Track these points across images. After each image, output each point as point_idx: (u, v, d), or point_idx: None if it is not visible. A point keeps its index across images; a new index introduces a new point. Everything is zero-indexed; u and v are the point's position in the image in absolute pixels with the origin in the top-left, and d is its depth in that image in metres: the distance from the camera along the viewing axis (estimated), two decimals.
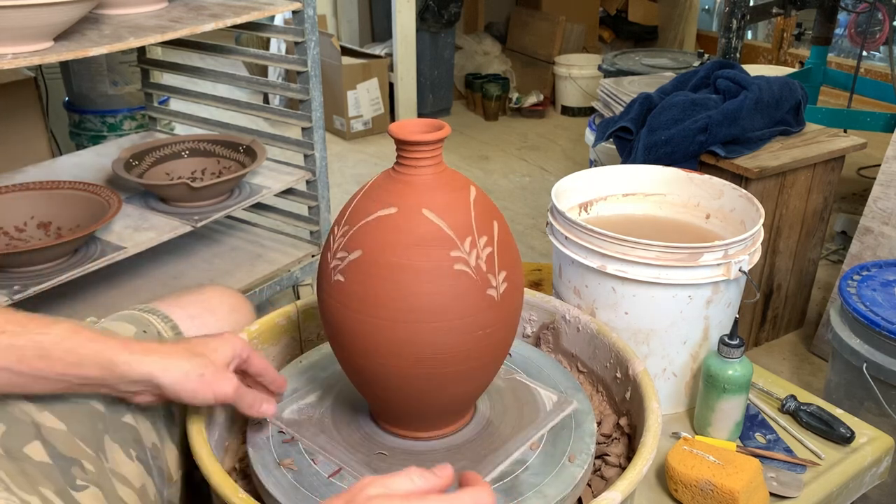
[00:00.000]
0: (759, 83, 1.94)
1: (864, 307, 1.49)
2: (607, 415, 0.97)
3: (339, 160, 3.43)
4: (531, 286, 1.16)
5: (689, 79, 2.12)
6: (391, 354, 0.75)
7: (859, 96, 2.94)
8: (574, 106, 4.11)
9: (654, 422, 0.83)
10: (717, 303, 1.09)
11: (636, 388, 0.90)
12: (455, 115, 4.10)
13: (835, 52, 4.05)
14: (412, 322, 0.73)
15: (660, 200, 1.30)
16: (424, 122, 0.78)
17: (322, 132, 1.80)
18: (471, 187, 0.78)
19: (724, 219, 1.24)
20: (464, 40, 4.31)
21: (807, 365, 2.03)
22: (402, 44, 3.63)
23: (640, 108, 2.03)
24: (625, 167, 1.32)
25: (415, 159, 0.76)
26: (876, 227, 1.98)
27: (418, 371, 0.75)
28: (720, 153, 1.85)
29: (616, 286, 1.08)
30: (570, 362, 1.04)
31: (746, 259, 1.07)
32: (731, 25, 2.54)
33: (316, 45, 1.70)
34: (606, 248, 1.06)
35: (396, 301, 0.73)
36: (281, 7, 1.64)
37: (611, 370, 0.98)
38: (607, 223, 1.23)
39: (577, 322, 1.02)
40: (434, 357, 0.75)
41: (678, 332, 1.10)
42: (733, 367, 1.05)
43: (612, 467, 0.88)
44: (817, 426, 1.12)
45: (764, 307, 2.04)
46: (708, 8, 5.10)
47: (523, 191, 3.18)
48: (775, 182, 1.86)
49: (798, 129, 2.02)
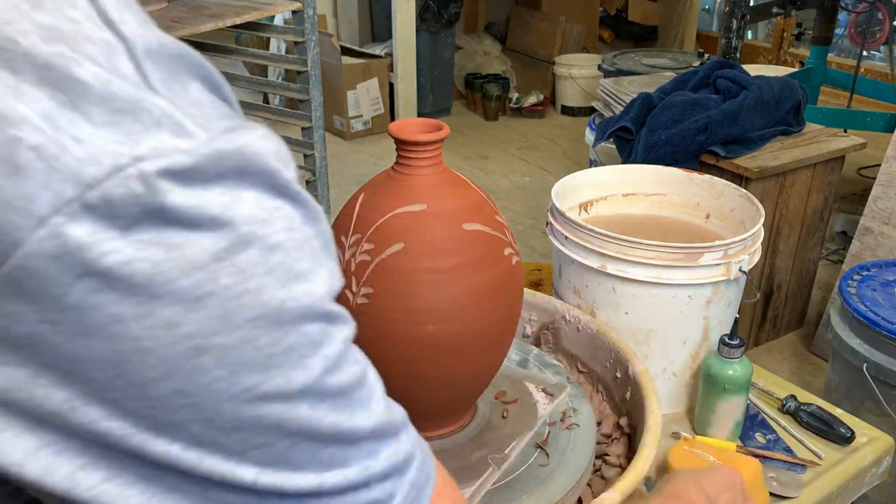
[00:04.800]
0: (759, 83, 1.94)
1: (865, 307, 1.49)
2: (607, 415, 0.97)
3: (338, 160, 3.44)
4: (531, 286, 1.16)
5: (689, 79, 2.12)
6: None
7: (859, 96, 2.94)
8: (574, 106, 4.11)
9: (655, 422, 0.82)
10: (717, 303, 1.09)
11: (636, 388, 0.90)
12: (455, 115, 4.10)
13: (835, 52, 4.05)
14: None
15: (660, 200, 1.30)
16: (424, 122, 0.78)
17: (322, 132, 1.80)
18: (471, 186, 0.78)
19: (724, 219, 1.24)
20: (464, 40, 4.31)
21: (807, 365, 2.03)
22: (402, 44, 3.63)
23: (640, 108, 2.03)
24: (625, 167, 1.32)
25: (415, 159, 0.76)
26: (876, 227, 1.98)
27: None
28: (720, 153, 1.85)
29: (616, 286, 1.08)
30: (570, 362, 1.04)
31: (746, 259, 1.07)
32: (731, 25, 2.54)
33: (316, 44, 1.70)
34: (606, 248, 1.06)
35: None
36: (281, 7, 1.64)
37: (611, 370, 0.97)
38: (607, 223, 1.23)
39: (577, 322, 1.02)
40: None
41: (678, 332, 1.10)
42: (733, 367, 1.05)
43: (612, 467, 0.88)
44: (817, 426, 1.12)
45: (764, 307, 2.04)
46: (708, 8, 5.10)
47: (523, 191, 3.18)
48: (775, 182, 1.86)
49: (798, 129, 2.02)
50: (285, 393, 0.32)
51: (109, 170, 0.28)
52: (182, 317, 0.29)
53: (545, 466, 0.81)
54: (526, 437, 0.84)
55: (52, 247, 0.27)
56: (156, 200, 0.28)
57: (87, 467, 0.30)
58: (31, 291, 0.28)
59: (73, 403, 0.29)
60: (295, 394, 0.32)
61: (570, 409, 0.90)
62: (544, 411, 0.88)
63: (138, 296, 0.29)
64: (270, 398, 0.31)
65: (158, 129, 0.29)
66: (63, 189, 0.27)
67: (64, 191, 0.27)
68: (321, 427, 0.33)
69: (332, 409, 0.34)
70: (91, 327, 0.29)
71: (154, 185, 0.28)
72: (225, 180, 0.30)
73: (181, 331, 0.29)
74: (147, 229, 0.28)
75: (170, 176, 0.28)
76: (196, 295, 0.29)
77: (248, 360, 0.31)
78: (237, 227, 0.30)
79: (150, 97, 0.29)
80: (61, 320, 0.28)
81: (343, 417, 0.34)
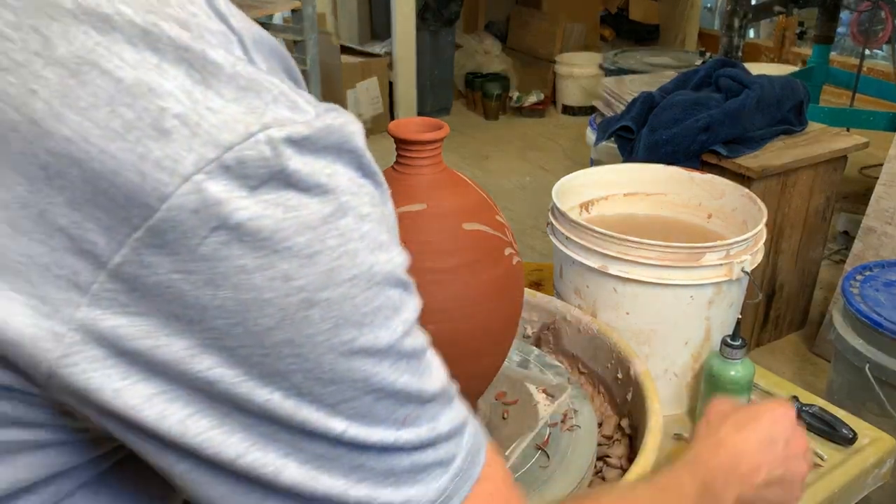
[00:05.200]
0: (761, 82, 1.94)
1: (867, 307, 1.49)
2: (608, 416, 0.96)
3: None
4: (531, 286, 1.15)
5: (691, 78, 2.11)
6: None
7: (862, 95, 2.94)
8: (575, 105, 4.10)
9: (656, 423, 0.82)
10: (718, 303, 1.08)
11: (637, 388, 0.90)
12: (455, 115, 4.09)
13: (837, 51, 4.04)
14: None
15: (661, 200, 1.29)
16: (424, 122, 0.77)
17: None
18: (471, 186, 0.78)
19: (725, 218, 1.23)
20: (464, 39, 4.31)
21: (809, 365, 2.03)
22: (401, 42, 3.62)
23: (642, 107, 2.02)
24: (626, 166, 1.31)
25: (415, 159, 0.75)
26: (878, 227, 1.97)
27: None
28: (722, 152, 1.84)
29: (617, 286, 1.07)
30: (571, 363, 1.04)
31: (748, 259, 1.06)
32: (733, 24, 2.53)
33: (315, 43, 1.70)
34: (608, 249, 1.05)
35: None
36: (280, 6, 1.64)
37: (612, 371, 0.97)
38: (608, 223, 1.22)
39: (578, 323, 1.02)
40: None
41: (680, 332, 1.09)
42: (735, 368, 1.04)
43: (613, 469, 0.88)
44: (819, 427, 1.11)
45: (766, 307, 2.04)
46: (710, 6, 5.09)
47: (524, 190, 3.18)
48: (777, 181, 1.85)
49: (800, 129, 2.01)
50: (374, 349, 0.36)
51: (244, 135, 0.32)
52: (297, 271, 0.33)
53: (546, 468, 0.80)
54: (527, 439, 0.84)
55: (193, 201, 0.31)
56: (280, 163, 0.32)
57: (195, 415, 0.34)
58: (171, 243, 0.31)
59: (192, 351, 0.33)
60: (381, 351, 0.36)
61: (570, 411, 0.89)
62: (545, 412, 0.88)
63: (262, 249, 0.32)
64: (363, 353, 0.35)
65: (277, 105, 0.33)
66: (205, 151, 0.31)
67: (206, 153, 0.31)
68: (397, 385, 0.37)
69: (407, 370, 0.37)
70: (219, 277, 0.32)
71: (279, 149, 0.32)
72: (328, 154, 0.34)
73: (296, 284, 0.33)
74: (271, 190, 0.32)
75: (291, 143, 0.32)
76: (308, 252, 0.33)
77: (347, 315, 0.34)
78: (339, 195, 0.34)
79: (267, 77, 0.34)
80: (193, 270, 0.32)
81: (415, 379, 0.38)
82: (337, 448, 0.36)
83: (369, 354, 0.36)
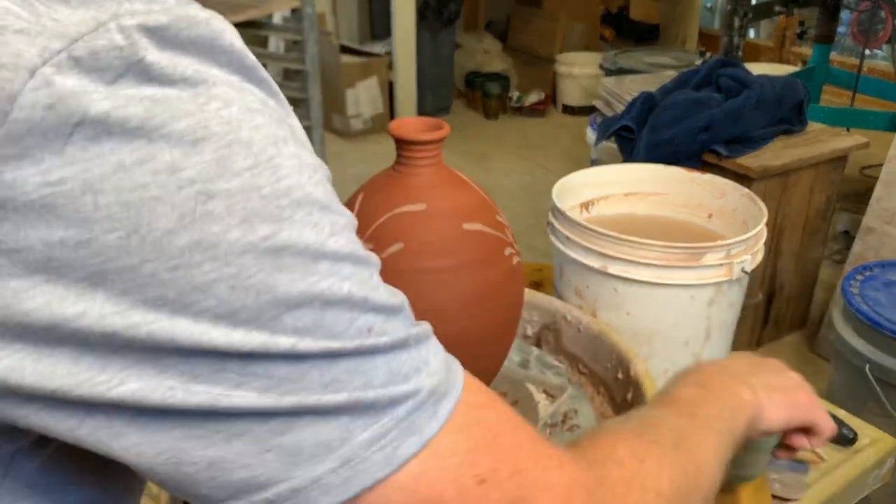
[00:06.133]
0: (762, 82, 1.94)
1: (867, 307, 1.49)
2: (608, 416, 0.96)
3: (338, 159, 3.43)
4: (532, 286, 1.15)
5: (691, 77, 2.11)
6: None
7: (862, 95, 2.93)
8: (575, 105, 4.10)
9: None
10: (719, 303, 1.08)
11: (638, 389, 0.90)
12: (455, 114, 4.09)
13: (837, 51, 4.04)
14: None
15: (661, 200, 1.29)
16: (424, 121, 0.77)
17: (321, 131, 1.79)
18: (471, 185, 0.78)
19: (726, 218, 1.23)
20: (464, 38, 4.31)
21: (809, 366, 2.03)
22: (401, 42, 3.62)
23: (642, 106, 2.02)
24: (626, 166, 1.31)
25: (415, 158, 0.75)
26: (879, 227, 1.97)
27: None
28: (722, 152, 1.84)
29: (617, 286, 1.07)
30: (572, 363, 1.04)
31: (749, 259, 1.06)
32: (733, 24, 2.53)
33: (315, 43, 1.70)
34: (608, 249, 1.05)
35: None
36: (280, 5, 1.64)
37: (612, 371, 0.97)
38: (609, 223, 1.22)
39: (578, 323, 1.02)
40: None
41: (680, 332, 1.09)
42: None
43: None
44: None
45: (766, 308, 2.03)
46: (710, 6, 5.09)
47: (524, 190, 3.18)
48: (778, 181, 1.85)
49: (800, 128, 2.01)
50: (300, 247, 0.32)
51: (93, 25, 0.29)
52: (182, 160, 0.29)
53: None
54: None
55: (45, 95, 0.28)
56: (136, 53, 0.29)
57: (125, 372, 0.30)
58: (33, 148, 0.28)
59: (83, 286, 0.29)
60: (311, 250, 0.32)
61: (571, 411, 0.89)
62: (545, 412, 0.88)
63: (136, 140, 0.29)
64: (288, 252, 0.31)
65: (131, 2, 0.30)
66: (49, 43, 0.28)
67: (51, 44, 0.28)
68: (342, 292, 0.33)
69: (353, 275, 0.34)
70: (95, 180, 0.28)
71: (134, 38, 0.29)
72: (195, 50, 0.31)
73: (184, 175, 0.30)
74: (130, 85, 0.29)
75: (146, 31, 0.29)
76: (191, 139, 0.30)
77: (256, 208, 0.31)
78: (211, 87, 0.31)
79: None
80: (65, 178, 0.28)
81: (364, 288, 0.34)
82: (295, 363, 0.32)
83: (297, 253, 0.32)
